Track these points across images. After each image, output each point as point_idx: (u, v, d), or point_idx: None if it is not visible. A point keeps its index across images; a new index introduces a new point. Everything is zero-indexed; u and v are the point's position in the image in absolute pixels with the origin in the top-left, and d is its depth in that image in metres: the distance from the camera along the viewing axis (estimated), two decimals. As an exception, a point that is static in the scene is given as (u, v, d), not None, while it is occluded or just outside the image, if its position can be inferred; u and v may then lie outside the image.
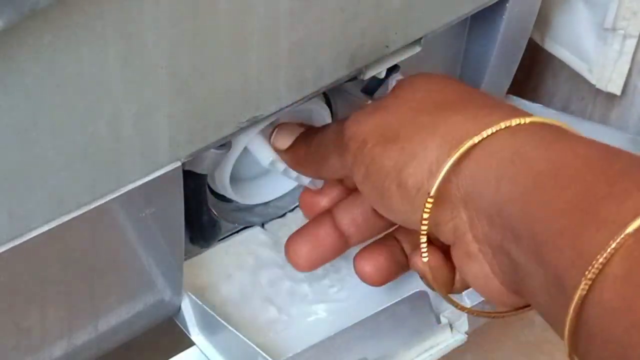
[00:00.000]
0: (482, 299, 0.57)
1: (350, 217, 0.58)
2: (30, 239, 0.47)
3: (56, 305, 0.52)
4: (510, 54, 0.66)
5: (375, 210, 0.57)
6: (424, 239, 0.50)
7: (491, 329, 0.62)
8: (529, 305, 0.50)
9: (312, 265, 0.60)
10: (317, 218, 0.60)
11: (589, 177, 0.43)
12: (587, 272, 0.41)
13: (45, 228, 0.47)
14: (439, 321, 0.57)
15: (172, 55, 0.46)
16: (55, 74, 0.43)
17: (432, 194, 0.48)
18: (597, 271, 0.41)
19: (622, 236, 0.40)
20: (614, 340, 0.40)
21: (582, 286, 0.41)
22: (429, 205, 0.48)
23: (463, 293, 0.57)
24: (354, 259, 0.58)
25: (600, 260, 0.41)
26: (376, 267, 0.57)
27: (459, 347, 0.59)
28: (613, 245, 0.40)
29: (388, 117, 0.51)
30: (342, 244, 0.59)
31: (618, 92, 0.70)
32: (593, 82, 0.70)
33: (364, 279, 0.58)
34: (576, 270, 0.41)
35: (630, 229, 0.40)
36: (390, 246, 0.58)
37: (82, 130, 0.45)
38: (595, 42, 0.69)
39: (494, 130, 0.47)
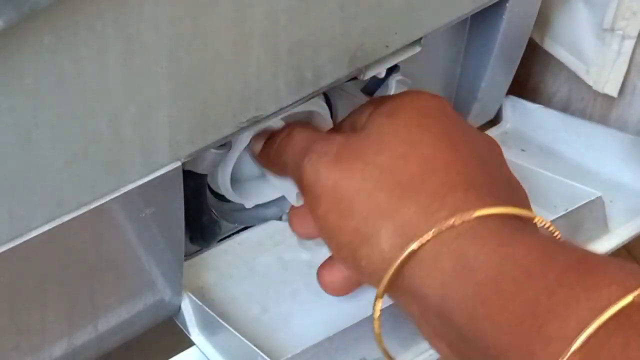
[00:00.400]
0: None
1: None
2: (30, 239, 0.47)
3: (56, 305, 0.52)
4: (510, 54, 0.66)
5: None
6: (377, 317, 0.51)
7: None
8: None
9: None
10: None
11: (529, 289, 0.44)
12: None
13: (45, 228, 0.47)
14: (438, 321, 0.57)
15: (172, 55, 0.46)
16: (55, 74, 0.43)
17: (380, 293, 0.49)
18: None
19: (567, 355, 0.41)
20: None
21: None
22: (381, 289, 0.49)
23: None
24: (318, 270, 0.58)
25: None
26: (337, 279, 0.57)
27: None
28: None
29: (347, 182, 0.51)
30: None
31: (615, 94, 0.70)
32: (590, 83, 0.70)
33: (325, 289, 0.58)
34: None
35: (574, 346, 0.41)
36: None
37: (82, 130, 0.45)
38: (594, 42, 0.69)
39: (437, 233, 0.48)
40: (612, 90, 0.70)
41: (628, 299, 0.42)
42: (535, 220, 0.49)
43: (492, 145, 0.54)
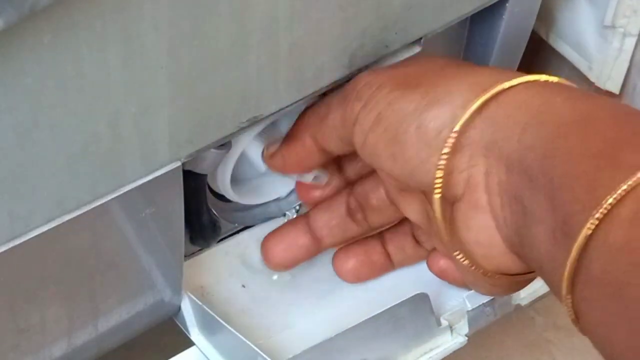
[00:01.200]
0: (483, 301, 0.57)
1: (324, 220, 0.60)
2: (30, 239, 0.47)
3: (56, 305, 0.52)
4: (510, 54, 0.66)
5: (349, 214, 0.59)
6: (439, 181, 0.49)
7: (491, 329, 0.62)
8: (522, 274, 0.50)
9: (285, 265, 0.61)
10: (293, 219, 0.62)
11: (613, 128, 0.44)
12: (594, 212, 0.41)
13: (46, 228, 0.47)
14: (439, 323, 0.57)
15: (172, 55, 0.46)
16: (55, 74, 0.43)
17: (456, 129, 0.48)
18: (605, 211, 0.41)
19: (634, 179, 0.41)
20: (612, 282, 0.41)
21: (588, 225, 0.41)
22: (450, 141, 0.48)
23: (464, 296, 0.57)
24: (333, 256, 0.61)
25: (610, 200, 0.41)
26: (353, 265, 0.60)
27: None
28: (624, 187, 0.41)
29: (409, 69, 0.52)
30: (315, 246, 0.61)
31: (617, 91, 0.70)
32: (593, 79, 0.70)
33: (340, 275, 0.61)
34: (586, 212, 0.42)
35: None
36: (369, 246, 0.60)
37: (82, 130, 0.45)
38: (596, 39, 0.69)
39: (524, 81, 0.48)
40: (614, 87, 0.70)
41: None
42: None
43: None
